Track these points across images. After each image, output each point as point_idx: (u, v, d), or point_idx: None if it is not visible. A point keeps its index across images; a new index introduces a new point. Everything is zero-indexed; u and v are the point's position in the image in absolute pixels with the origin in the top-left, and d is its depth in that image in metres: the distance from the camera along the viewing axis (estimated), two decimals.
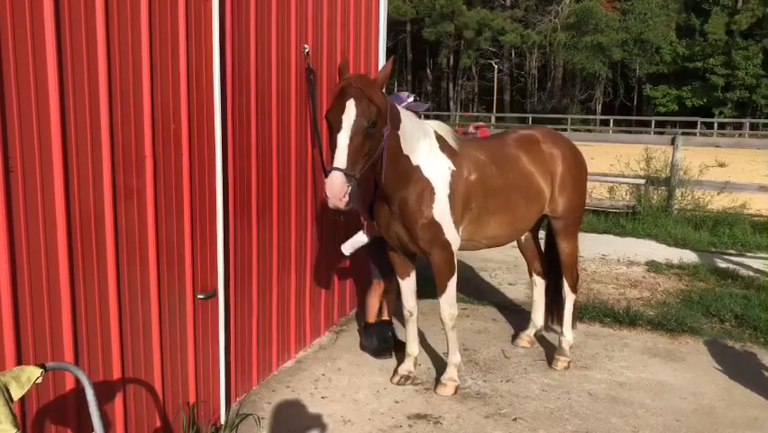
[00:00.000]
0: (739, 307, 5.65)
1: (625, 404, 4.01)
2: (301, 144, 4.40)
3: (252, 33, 3.70)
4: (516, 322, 5.40)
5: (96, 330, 2.69)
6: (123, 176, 2.74)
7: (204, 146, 3.26)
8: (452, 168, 3.86)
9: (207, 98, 3.25)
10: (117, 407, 2.85)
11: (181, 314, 3.23)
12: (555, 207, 4.40)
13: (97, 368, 2.71)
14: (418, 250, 3.92)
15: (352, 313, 5.60)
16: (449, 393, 4.07)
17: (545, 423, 3.75)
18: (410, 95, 5.36)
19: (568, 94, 52.75)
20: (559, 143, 4.45)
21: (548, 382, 4.32)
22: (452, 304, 4.05)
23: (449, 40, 51.46)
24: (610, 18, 47.30)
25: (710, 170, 11.60)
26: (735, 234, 8.79)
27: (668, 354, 4.86)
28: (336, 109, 3.24)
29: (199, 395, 3.42)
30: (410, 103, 5.26)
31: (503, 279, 6.89)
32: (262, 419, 3.70)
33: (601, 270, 7.33)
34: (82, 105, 2.51)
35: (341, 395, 4.05)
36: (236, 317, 3.82)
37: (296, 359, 4.59)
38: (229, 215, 3.60)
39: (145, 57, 2.80)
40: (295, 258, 4.45)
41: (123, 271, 2.80)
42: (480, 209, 4.01)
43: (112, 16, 2.61)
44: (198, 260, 3.31)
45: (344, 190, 3.11)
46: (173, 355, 3.20)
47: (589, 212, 9.87)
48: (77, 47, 2.46)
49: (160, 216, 2.99)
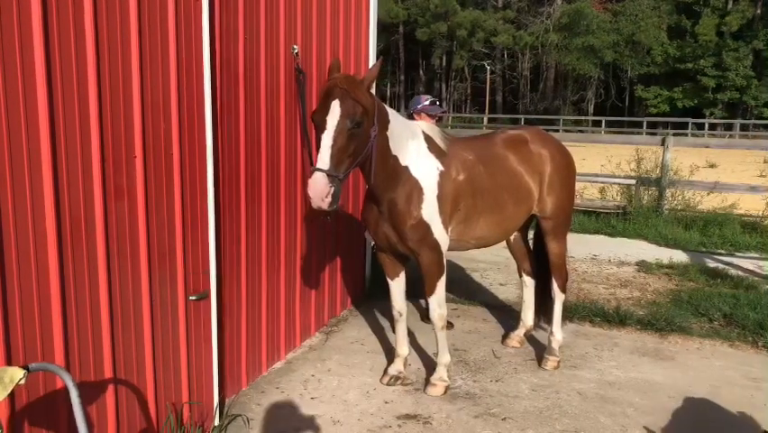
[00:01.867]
0: (728, 306, 5.68)
1: (614, 403, 4.04)
2: (291, 145, 4.40)
3: (241, 34, 3.71)
4: (507, 322, 5.42)
5: (87, 331, 2.68)
6: (113, 176, 2.74)
7: (194, 146, 3.26)
8: (440, 168, 3.87)
9: (198, 99, 3.25)
10: (109, 407, 2.84)
11: (173, 315, 3.23)
12: (544, 208, 4.42)
13: (88, 369, 2.70)
14: (407, 250, 3.93)
15: (343, 313, 5.61)
16: (439, 393, 4.08)
17: (535, 423, 3.77)
18: (429, 98, 5.39)
19: (560, 95, 52.96)
20: (547, 144, 4.47)
21: (538, 381, 4.34)
22: (442, 304, 4.06)
23: (442, 40, 51.52)
24: (602, 19, 47.52)
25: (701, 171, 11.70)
26: (724, 235, 8.85)
27: (657, 353, 4.89)
28: (321, 109, 3.25)
29: (191, 396, 3.42)
30: (425, 106, 5.29)
31: (494, 279, 6.92)
32: (252, 420, 3.70)
33: (592, 270, 7.37)
34: (71, 104, 2.50)
35: (330, 396, 4.06)
36: (227, 319, 3.82)
37: (286, 360, 4.59)
38: (220, 216, 3.60)
39: (135, 57, 2.80)
40: (284, 259, 4.46)
41: (114, 272, 2.80)
42: (469, 210, 4.03)
43: (100, 15, 2.61)
44: (190, 261, 3.31)
45: (326, 191, 3.11)
46: (165, 357, 3.19)
47: (580, 212, 9.92)
48: (66, 47, 2.46)
49: (151, 216, 2.99)
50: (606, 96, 53.05)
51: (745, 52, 44.85)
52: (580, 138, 21.41)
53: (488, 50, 52.44)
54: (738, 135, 37.32)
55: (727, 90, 45.94)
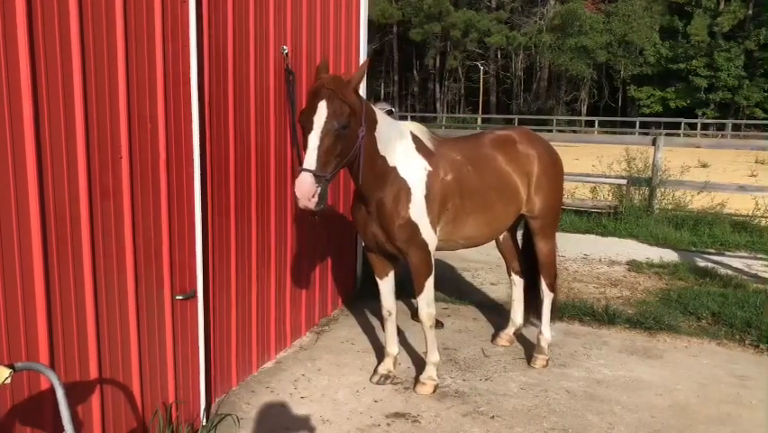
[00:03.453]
0: (716, 305, 5.72)
1: (601, 401, 4.06)
2: (280, 144, 4.41)
3: (230, 34, 3.71)
4: (497, 321, 5.44)
5: (73, 331, 2.68)
6: (98, 176, 2.74)
7: (181, 146, 3.26)
8: (428, 168, 3.89)
9: (185, 98, 3.26)
10: (94, 407, 2.84)
11: (159, 315, 3.23)
12: (532, 207, 4.44)
13: (74, 369, 2.71)
14: (395, 250, 3.95)
15: (334, 313, 5.62)
16: (428, 392, 4.10)
17: (523, 421, 3.79)
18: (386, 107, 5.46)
19: (553, 95, 53.09)
20: (535, 144, 4.49)
21: (526, 380, 4.36)
22: (430, 303, 4.08)
23: (435, 41, 51.57)
24: (595, 20, 47.64)
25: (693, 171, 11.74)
26: (714, 234, 8.91)
27: (645, 351, 4.92)
28: (308, 110, 3.27)
29: (178, 396, 3.43)
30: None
31: (485, 279, 6.94)
32: (241, 419, 3.71)
33: (583, 269, 7.40)
34: (56, 105, 2.50)
35: (320, 395, 4.07)
36: (215, 318, 3.82)
37: (276, 360, 4.60)
38: (207, 216, 3.61)
39: (120, 56, 2.80)
40: (275, 259, 4.46)
41: (99, 271, 2.80)
42: (457, 209, 4.05)
43: (86, 13, 2.61)
44: (177, 261, 3.32)
45: (313, 191, 3.14)
46: (151, 356, 3.20)
47: (571, 212, 9.96)
48: (51, 44, 2.46)
49: (137, 216, 3.00)
50: (599, 97, 53.21)
51: (736, 53, 45.08)
52: (572, 138, 21.56)
53: (481, 50, 52.54)
54: (730, 135, 37.53)
55: (719, 90, 46.16)
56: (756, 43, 44.53)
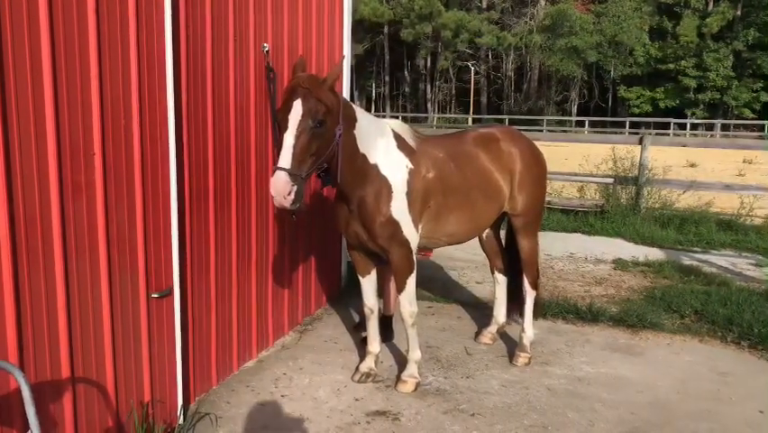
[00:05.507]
0: (699, 302, 5.74)
1: (582, 398, 4.06)
2: (261, 141, 4.38)
3: (209, 29, 3.68)
4: (481, 320, 5.43)
5: (44, 329, 2.64)
6: (70, 173, 2.71)
7: (156, 142, 3.23)
8: (409, 166, 3.88)
9: (160, 94, 3.22)
10: (66, 406, 2.80)
11: (134, 313, 3.20)
12: (515, 205, 4.44)
13: (45, 368, 2.67)
14: (377, 248, 3.93)
15: (318, 312, 5.60)
16: (409, 390, 4.09)
17: (503, 418, 3.78)
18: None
19: (544, 95, 53.24)
20: (518, 142, 4.49)
21: (508, 377, 4.36)
22: (412, 301, 4.07)
23: (427, 41, 51.60)
24: (584, 21, 47.83)
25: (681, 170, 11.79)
26: (700, 232, 8.96)
27: (628, 349, 4.93)
28: (283, 109, 3.26)
29: (155, 395, 3.39)
30: None
31: (471, 277, 6.93)
32: (220, 418, 3.68)
33: (568, 267, 7.41)
34: (25, 100, 2.47)
35: (301, 394, 4.05)
36: (194, 317, 3.79)
37: (258, 359, 4.57)
38: (185, 212, 3.57)
39: (93, 50, 2.77)
40: (256, 257, 4.43)
41: (71, 269, 2.76)
42: (439, 207, 4.04)
43: (56, 4, 2.57)
44: (152, 258, 3.29)
45: (288, 189, 3.13)
46: (126, 355, 3.16)
47: (558, 211, 9.98)
48: (19, 37, 2.43)
49: (111, 213, 2.96)
50: (589, 97, 53.43)
51: (725, 53, 45.39)
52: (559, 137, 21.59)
53: (472, 50, 52.62)
54: (719, 135, 37.77)
55: (708, 91, 46.49)
56: (745, 44, 44.88)
